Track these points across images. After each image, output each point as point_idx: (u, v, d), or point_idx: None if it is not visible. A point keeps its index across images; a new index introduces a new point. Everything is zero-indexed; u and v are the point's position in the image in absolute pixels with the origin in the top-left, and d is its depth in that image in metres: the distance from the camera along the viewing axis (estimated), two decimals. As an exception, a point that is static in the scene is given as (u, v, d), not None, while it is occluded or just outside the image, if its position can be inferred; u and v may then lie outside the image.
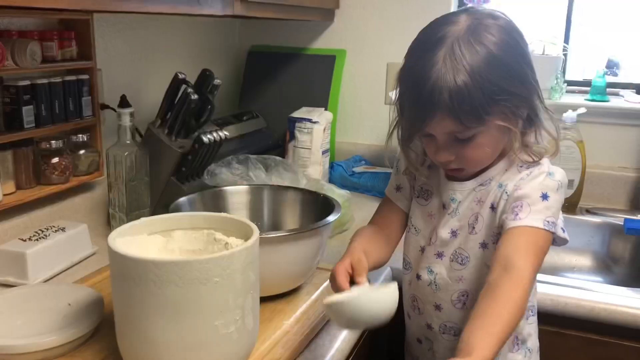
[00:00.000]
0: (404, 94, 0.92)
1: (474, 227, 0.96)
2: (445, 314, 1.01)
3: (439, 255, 1.00)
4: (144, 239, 0.88)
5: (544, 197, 0.89)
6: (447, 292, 1.00)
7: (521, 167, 0.95)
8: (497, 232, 0.94)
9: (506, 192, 0.93)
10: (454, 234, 0.98)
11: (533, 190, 0.90)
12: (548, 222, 0.88)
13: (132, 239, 0.86)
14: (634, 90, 1.79)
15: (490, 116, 0.87)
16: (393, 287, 0.84)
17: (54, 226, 1.23)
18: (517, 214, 0.89)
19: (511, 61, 0.87)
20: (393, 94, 0.96)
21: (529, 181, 0.92)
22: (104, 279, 1.12)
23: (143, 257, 0.76)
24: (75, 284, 1.08)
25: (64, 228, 1.23)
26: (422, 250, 1.03)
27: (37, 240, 1.16)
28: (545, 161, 0.95)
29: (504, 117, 0.88)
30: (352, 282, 0.89)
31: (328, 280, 1.14)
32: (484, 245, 0.96)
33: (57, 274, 1.18)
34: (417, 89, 0.87)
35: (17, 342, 0.85)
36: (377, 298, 0.83)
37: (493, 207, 0.95)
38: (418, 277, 1.03)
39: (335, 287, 0.89)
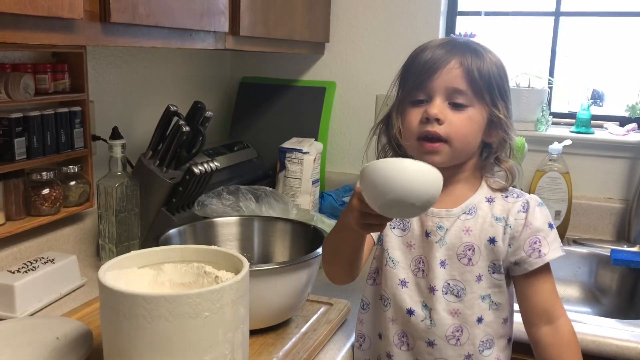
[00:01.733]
0: (412, 61, 0.96)
1: (470, 259, 0.96)
2: (439, 350, 0.97)
3: (432, 289, 0.96)
4: (134, 272, 0.89)
5: (551, 226, 0.96)
6: (442, 328, 0.96)
7: (506, 197, 0.98)
8: (497, 265, 0.96)
9: (509, 226, 0.95)
10: (443, 264, 0.97)
11: (541, 224, 0.95)
12: (561, 247, 0.96)
13: (122, 273, 0.86)
14: (618, 123, 1.82)
15: (488, 99, 0.93)
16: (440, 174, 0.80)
17: (43, 257, 1.23)
18: (539, 251, 0.94)
19: (508, 77, 0.98)
20: (390, 88, 1.00)
21: (531, 214, 0.95)
22: (93, 311, 1.12)
23: (133, 292, 0.76)
24: (63, 317, 1.08)
25: (53, 259, 1.22)
26: (404, 283, 0.99)
27: (25, 272, 1.15)
28: (519, 191, 0.99)
29: (496, 108, 0.94)
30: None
31: (320, 311, 1.16)
32: (479, 278, 0.96)
33: (46, 306, 1.17)
34: (433, 49, 0.94)
35: (3, 377, 0.85)
36: (425, 169, 0.77)
37: (493, 241, 0.95)
38: (410, 312, 0.98)
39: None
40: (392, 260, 1.00)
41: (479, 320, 0.97)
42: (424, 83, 0.93)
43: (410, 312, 0.98)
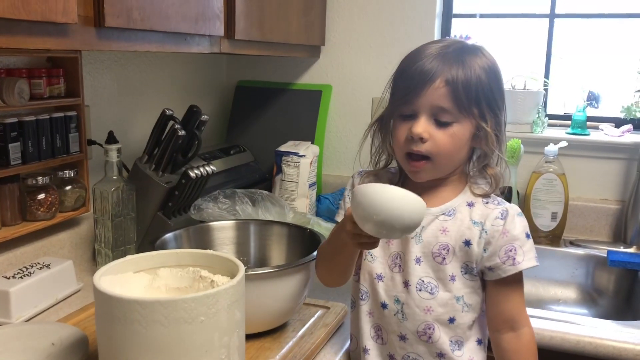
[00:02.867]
0: (402, 71, 0.96)
1: (444, 258, 0.97)
2: (410, 344, 1.00)
3: (406, 284, 0.98)
4: (129, 277, 0.88)
5: (528, 236, 0.97)
6: (413, 323, 0.98)
7: (486, 202, 0.99)
8: (470, 267, 0.97)
9: (485, 231, 0.96)
10: (418, 261, 0.99)
11: (519, 233, 0.96)
12: (536, 258, 0.97)
13: (118, 278, 0.86)
14: (613, 124, 1.83)
15: (475, 112, 0.94)
16: (425, 204, 0.86)
17: (38, 263, 1.22)
18: (514, 259, 0.95)
19: (500, 80, 0.98)
20: (385, 90, 1.00)
21: (510, 223, 0.96)
22: (88, 316, 1.11)
23: (128, 297, 0.76)
24: (59, 323, 1.07)
25: (48, 265, 1.22)
26: (380, 277, 1.01)
27: (21, 277, 1.15)
28: (500, 199, 1.00)
29: (483, 120, 0.95)
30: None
31: (316, 315, 1.16)
32: (452, 278, 0.97)
33: (41, 312, 1.17)
34: (422, 62, 0.93)
35: (-2, 383, 0.84)
36: (409, 198, 0.84)
37: (468, 243, 0.96)
38: (384, 306, 1.01)
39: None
40: (371, 255, 1.03)
41: (451, 320, 0.98)
42: (411, 100, 0.94)
43: (384, 305, 1.01)
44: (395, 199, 0.84)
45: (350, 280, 1.06)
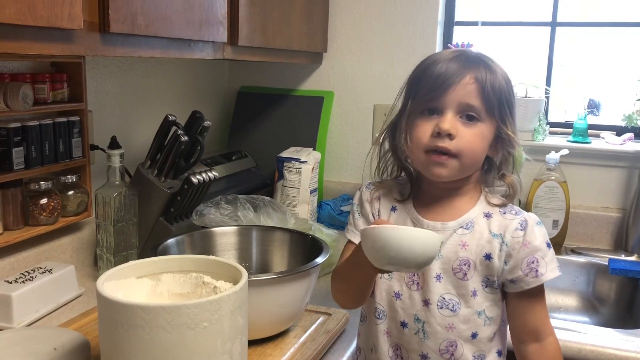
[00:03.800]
0: (424, 72, 0.95)
1: (465, 274, 0.96)
2: None
3: (426, 302, 0.97)
4: (132, 283, 0.88)
5: (548, 245, 0.96)
6: (435, 341, 0.97)
7: (504, 213, 0.97)
8: (491, 280, 0.96)
9: (505, 244, 0.95)
10: (438, 278, 0.96)
11: (540, 243, 0.95)
12: (558, 267, 0.96)
13: (121, 283, 0.86)
14: (615, 132, 1.83)
15: (497, 114, 0.94)
16: (439, 236, 0.85)
17: (40, 267, 1.22)
18: (536, 271, 0.94)
19: (513, 89, 0.98)
20: (397, 97, 1.00)
21: (530, 234, 0.94)
22: (90, 321, 1.11)
23: (131, 302, 0.76)
24: (61, 327, 1.07)
25: (50, 269, 1.22)
26: (398, 296, 0.99)
27: (23, 282, 1.15)
28: (517, 208, 0.99)
29: (504, 124, 0.95)
30: None
31: (318, 321, 1.15)
32: (474, 293, 0.96)
33: (43, 317, 1.17)
34: (444, 62, 0.93)
35: (0, 388, 0.84)
36: (423, 235, 0.83)
37: (489, 257, 0.95)
38: (403, 324, 0.99)
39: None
40: (388, 274, 1.00)
41: (474, 335, 0.97)
42: (438, 97, 0.92)
43: (403, 324, 0.99)
44: (405, 241, 0.82)
45: None
